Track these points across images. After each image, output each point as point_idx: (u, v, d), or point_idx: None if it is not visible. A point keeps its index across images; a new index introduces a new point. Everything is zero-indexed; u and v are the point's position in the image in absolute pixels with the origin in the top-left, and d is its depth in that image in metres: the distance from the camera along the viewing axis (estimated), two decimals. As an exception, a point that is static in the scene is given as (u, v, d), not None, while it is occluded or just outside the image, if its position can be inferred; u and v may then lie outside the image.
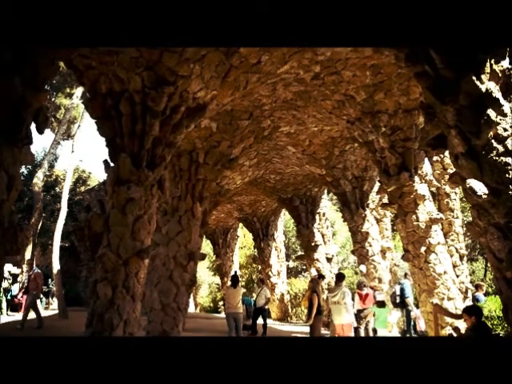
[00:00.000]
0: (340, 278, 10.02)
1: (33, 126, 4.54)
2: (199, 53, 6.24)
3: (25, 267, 16.43)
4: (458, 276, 11.01)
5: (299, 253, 22.10)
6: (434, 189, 12.77)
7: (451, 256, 11.06)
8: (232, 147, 10.37)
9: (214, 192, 11.35)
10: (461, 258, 12.71)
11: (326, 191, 17.52)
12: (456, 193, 13.17)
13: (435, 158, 13.21)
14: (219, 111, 8.24)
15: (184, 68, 6.32)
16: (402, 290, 11.52)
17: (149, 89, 6.31)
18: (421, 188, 8.82)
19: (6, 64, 3.91)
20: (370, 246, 13.10)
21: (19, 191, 4.53)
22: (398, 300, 11.70)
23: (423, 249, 8.57)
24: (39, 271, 12.97)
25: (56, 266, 16.07)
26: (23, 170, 23.34)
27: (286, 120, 10.43)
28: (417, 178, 8.87)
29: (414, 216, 8.71)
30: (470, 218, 4.69)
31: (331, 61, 7.66)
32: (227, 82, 6.99)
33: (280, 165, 14.02)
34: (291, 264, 26.57)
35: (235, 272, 18.66)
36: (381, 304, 11.05)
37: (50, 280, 19.87)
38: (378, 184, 11.90)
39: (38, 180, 19.92)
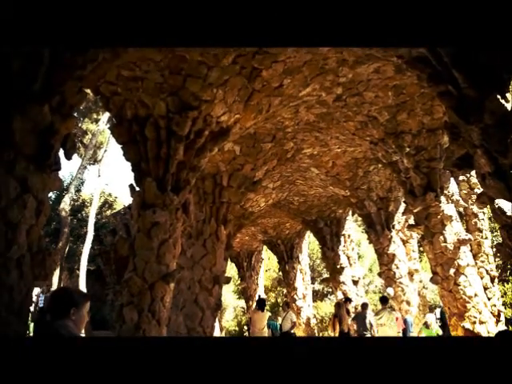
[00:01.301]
0: (384, 300, 9.99)
1: (61, 152, 4.66)
2: (222, 77, 6.35)
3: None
4: (489, 299, 10.70)
5: (325, 275, 21.84)
6: (461, 209, 12.55)
7: (481, 278, 10.79)
8: (255, 170, 10.41)
9: (238, 215, 11.37)
10: (492, 279, 12.35)
11: (350, 212, 17.36)
12: (484, 213, 12.90)
13: (461, 178, 13.01)
14: (242, 134, 8.31)
15: (207, 93, 6.43)
16: (442, 313, 11.26)
17: (173, 114, 6.43)
18: (447, 208, 8.68)
19: (34, 93, 4.03)
20: (397, 268, 12.87)
21: (47, 216, 4.62)
22: (438, 324, 11.41)
23: (452, 271, 8.39)
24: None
25: (82, 289, 16.25)
26: (51, 194, 23.84)
27: (309, 142, 10.44)
28: (443, 199, 8.74)
29: (441, 237, 8.55)
30: (500, 239, 4.58)
31: (353, 82, 7.68)
32: (250, 106, 7.07)
33: (304, 187, 13.98)
34: (317, 287, 26.24)
35: (259, 296, 18.52)
36: (427, 326, 10.84)
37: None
38: (403, 205, 11.74)
39: (65, 204, 20.31)
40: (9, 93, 3.84)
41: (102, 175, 19.44)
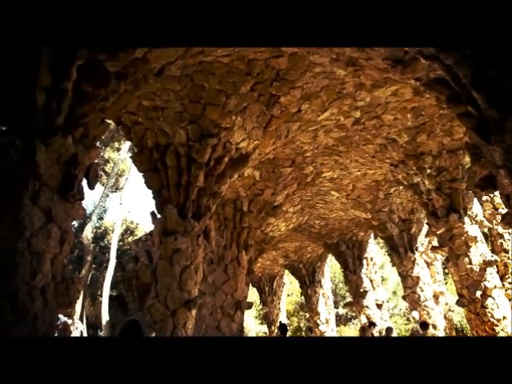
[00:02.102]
0: (424, 326, 9.77)
1: (84, 182, 4.74)
2: (241, 105, 6.43)
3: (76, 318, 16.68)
4: (518, 321, 10.41)
5: (348, 299, 21.55)
6: (485, 230, 12.30)
7: (510, 300, 10.52)
8: (275, 194, 10.42)
9: (259, 240, 11.35)
10: (520, 301, 12.04)
11: (372, 235, 17.19)
12: (510, 233, 12.63)
13: (485, 198, 12.80)
14: (262, 160, 8.35)
15: (226, 120, 6.52)
16: None
17: (193, 141, 6.52)
18: (472, 229, 8.53)
19: (58, 125, 4.14)
20: (422, 290, 12.62)
21: (71, 245, 4.68)
22: None
23: (479, 293, 8.20)
24: (67, 320, 12.96)
25: (105, 316, 16.31)
26: (74, 222, 24.10)
27: (329, 165, 10.43)
28: (467, 219, 8.60)
29: (466, 259, 8.39)
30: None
31: (371, 106, 7.70)
32: (269, 132, 7.13)
33: (324, 210, 13.92)
34: (340, 311, 25.87)
35: (280, 321, 18.31)
36: None
37: (98, 330, 20.11)
38: (426, 226, 11.59)
39: (88, 232, 20.55)
40: (34, 126, 3.95)
41: (123, 202, 19.64)
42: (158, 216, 6.81)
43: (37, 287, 3.89)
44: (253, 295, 25.73)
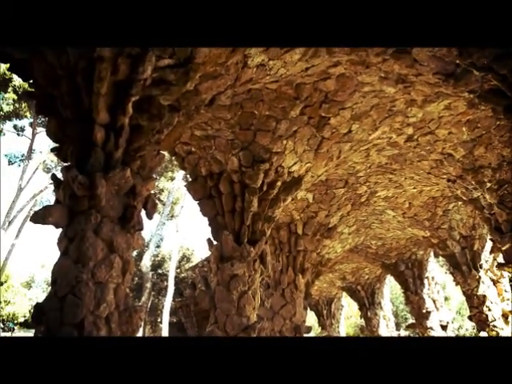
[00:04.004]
0: None
1: (143, 213, 4.90)
2: (291, 129, 6.49)
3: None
4: None
5: (410, 321, 20.84)
6: (555, 243, 11.65)
7: None
8: (330, 216, 10.34)
9: (315, 262, 11.24)
10: None
11: (432, 254, 16.65)
12: None
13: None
14: (314, 182, 8.34)
15: (277, 145, 6.58)
16: None
17: (245, 167, 6.62)
18: (540, 244, 8.11)
19: (117, 159, 4.33)
20: (489, 310, 12.05)
21: (132, 274, 4.82)
22: None
23: (551, 311, 7.75)
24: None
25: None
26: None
27: (383, 184, 10.27)
28: (534, 234, 8.19)
29: (535, 276, 7.97)
30: None
31: (423, 121, 7.55)
32: (320, 154, 7.13)
33: (380, 230, 13.65)
34: (402, 333, 25.04)
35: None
36: None
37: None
38: (489, 242, 11.11)
39: (146, 260, 21.05)
40: (94, 161, 4.15)
41: (179, 230, 20.05)
42: (215, 242, 6.91)
43: (101, 316, 4.01)
44: (311, 319, 25.37)
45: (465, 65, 4.66)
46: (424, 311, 15.45)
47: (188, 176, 7.54)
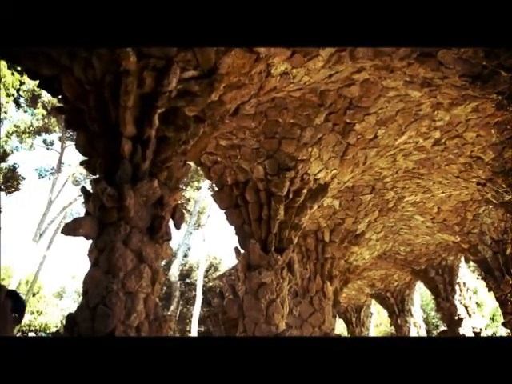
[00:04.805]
0: None
1: (170, 223, 4.95)
2: (316, 136, 6.48)
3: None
4: None
5: (441, 328, 20.44)
6: None
7: None
8: (357, 223, 10.26)
9: (343, 270, 11.14)
10: None
11: (463, 259, 16.32)
12: None
13: None
14: (341, 189, 8.29)
15: (303, 152, 6.58)
16: None
17: (271, 176, 6.63)
18: None
19: (144, 171, 4.39)
20: (524, 316, 11.73)
21: (161, 284, 4.87)
22: None
23: None
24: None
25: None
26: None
27: (410, 189, 10.14)
28: None
29: None
30: None
31: (450, 125, 7.44)
32: (346, 160, 7.09)
33: (409, 235, 13.46)
34: (434, 341, 24.52)
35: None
36: None
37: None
38: (523, 247, 10.84)
39: (175, 270, 21.22)
40: (122, 173, 4.22)
41: (206, 239, 20.17)
42: (242, 251, 6.92)
43: (132, 326, 4.06)
44: (340, 327, 25.11)
45: (492, 66, 4.60)
46: (456, 318, 15.13)
47: (214, 185, 7.59)
